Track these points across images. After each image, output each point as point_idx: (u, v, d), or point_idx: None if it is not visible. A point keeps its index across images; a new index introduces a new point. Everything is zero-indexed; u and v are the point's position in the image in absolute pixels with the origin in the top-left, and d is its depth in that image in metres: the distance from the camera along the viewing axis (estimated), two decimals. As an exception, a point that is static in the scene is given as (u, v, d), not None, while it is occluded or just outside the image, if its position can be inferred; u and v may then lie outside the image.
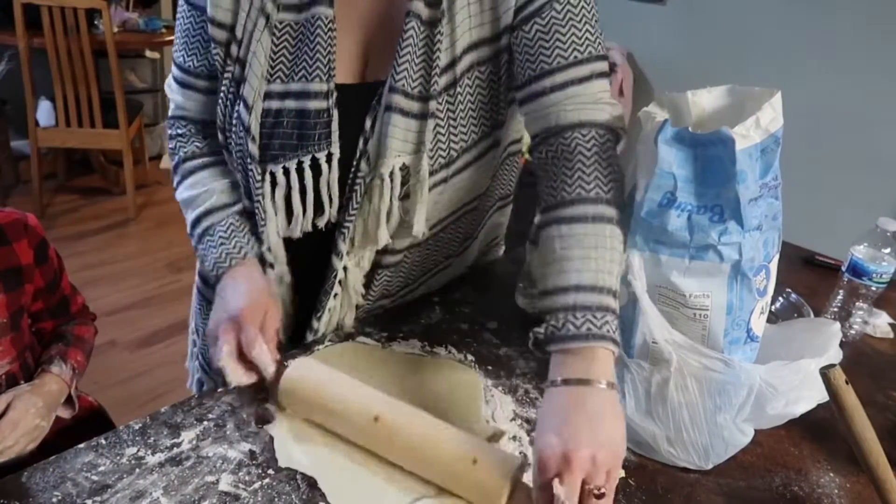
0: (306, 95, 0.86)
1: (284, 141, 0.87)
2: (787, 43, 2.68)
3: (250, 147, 0.87)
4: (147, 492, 0.70)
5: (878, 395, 1.02)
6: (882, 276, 1.12)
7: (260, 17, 0.84)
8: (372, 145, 0.87)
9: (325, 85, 0.85)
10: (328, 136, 0.87)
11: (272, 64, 0.86)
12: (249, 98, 0.85)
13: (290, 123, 0.86)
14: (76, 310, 1.12)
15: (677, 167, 0.74)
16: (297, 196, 0.89)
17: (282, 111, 0.86)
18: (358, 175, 0.88)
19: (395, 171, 0.87)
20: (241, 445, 0.77)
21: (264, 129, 0.87)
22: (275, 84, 0.86)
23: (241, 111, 0.86)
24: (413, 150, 0.86)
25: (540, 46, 0.82)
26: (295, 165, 0.87)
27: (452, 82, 0.86)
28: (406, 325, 1.03)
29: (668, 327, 0.76)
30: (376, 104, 0.86)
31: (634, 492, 0.78)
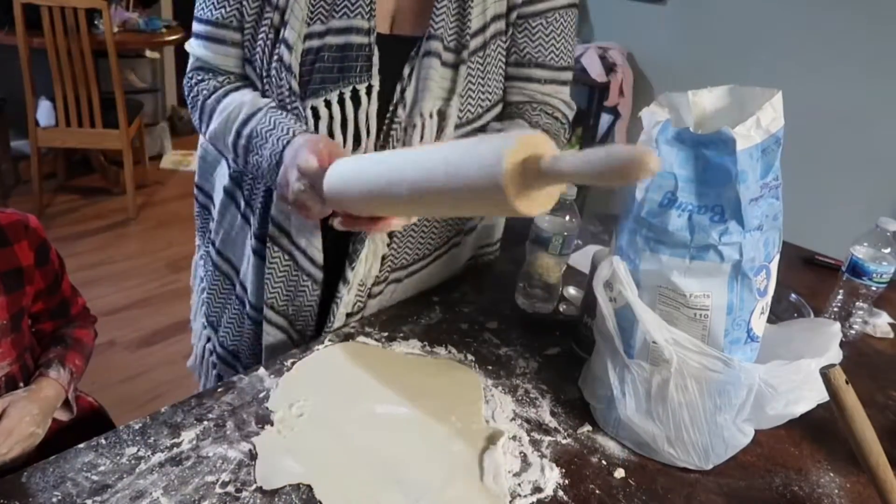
0: (348, 31, 0.91)
1: (325, 75, 0.91)
2: (787, 43, 2.68)
3: (293, 84, 0.91)
4: (147, 492, 0.69)
5: (878, 395, 1.02)
6: (882, 276, 1.12)
7: None
8: (409, 92, 0.94)
9: (367, 23, 0.91)
10: (369, 70, 0.92)
11: (311, 7, 0.90)
12: (291, 40, 0.90)
13: (331, 58, 0.91)
14: (76, 312, 1.11)
15: (678, 167, 0.74)
16: (338, 127, 0.93)
17: (322, 48, 0.91)
18: (395, 120, 0.94)
19: (432, 114, 0.94)
20: (241, 445, 0.77)
21: (304, 66, 0.91)
22: (315, 25, 0.91)
23: (283, 52, 0.90)
24: (446, 97, 0.95)
25: (540, 41, 1.00)
26: (336, 97, 0.92)
27: (482, 45, 0.96)
28: (406, 325, 1.03)
29: (666, 327, 0.77)
30: (414, 54, 0.93)
31: (634, 492, 0.78)
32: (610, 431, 0.86)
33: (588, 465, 0.81)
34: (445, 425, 0.84)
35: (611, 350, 0.82)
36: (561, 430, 0.86)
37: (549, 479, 0.77)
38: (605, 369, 0.83)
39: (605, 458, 0.82)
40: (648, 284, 0.79)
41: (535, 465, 0.79)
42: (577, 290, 1.18)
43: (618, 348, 0.81)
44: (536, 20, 0.99)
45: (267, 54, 0.92)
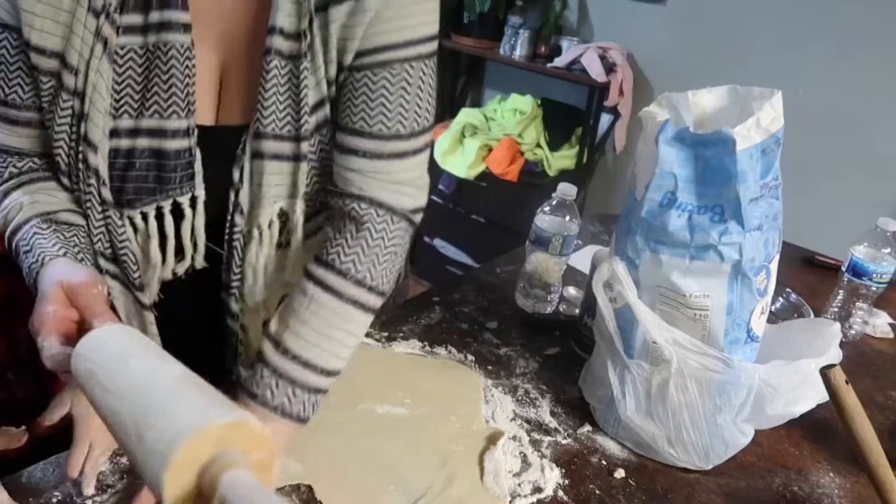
0: (162, 134, 0.75)
1: (139, 184, 0.76)
2: (788, 43, 2.67)
3: (103, 192, 0.75)
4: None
5: (878, 395, 1.03)
6: (882, 276, 1.12)
7: (97, 43, 0.71)
8: (244, 196, 0.78)
9: (184, 122, 0.75)
10: (191, 178, 0.77)
11: (116, 97, 0.74)
12: (95, 137, 0.73)
13: (145, 165, 0.76)
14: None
15: (678, 167, 0.74)
16: (155, 243, 0.79)
17: (133, 151, 0.75)
18: (235, 230, 0.80)
19: (273, 219, 0.79)
20: (242, 445, 0.77)
21: (115, 170, 0.75)
22: (122, 120, 0.74)
23: (87, 153, 0.74)
24: (288, 195, 0.79)
25: (364, 103, 0.76)
26: (154, 212, 0.77)
27: (325, 121, 0.78)
28: (406, 325, 1.03)
29: (666, 327, 0.77)
30: (241, 153, 0.77)
31: (634, 492, 0.78)
32: (610, 431, 0.86)
33: (588, 465, 0.81)
34: (445, 425, 0.84)
35: (611, 350, 0.82)
36: (561, 430, 0.86)
37: (549, 479, 0.77)
38: (605, 369, 0.83)
39: (605, 458, 0.82)
40: (648, 284, 0.79)
41: (535, 465, 0.79)
42: (577, 290, 1.18)
43: (618, 348, 0.81)
44: (361, 76, 0.75)
45: (73, 149, 0.75)
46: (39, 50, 0.71)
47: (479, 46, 3.22)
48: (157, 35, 0.72)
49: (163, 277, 0.82)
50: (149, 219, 0.78)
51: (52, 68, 0.72)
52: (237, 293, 0.83)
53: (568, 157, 3.12)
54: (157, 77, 0.73)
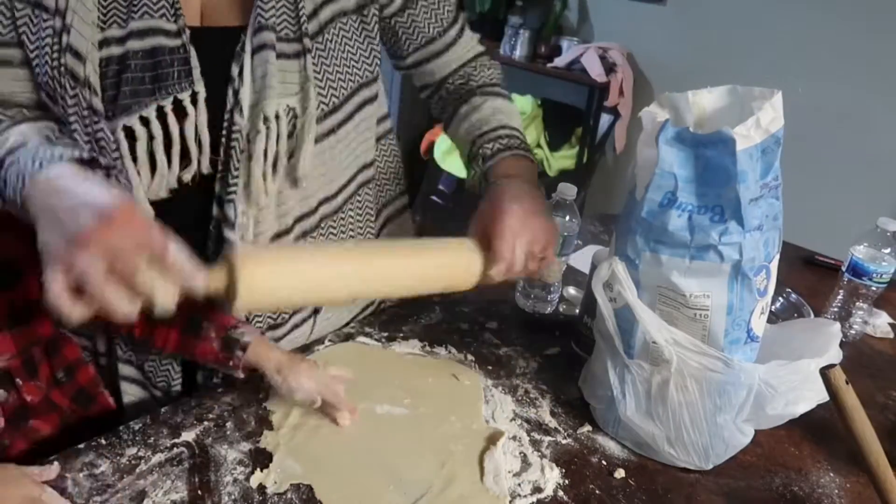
0: (154, 32, 0.76)
1: (136, 87, 0.76)
2: (787, 43, 2.68)
3: (94, 102, 0.75)
4: (147, 492, 0.70)
5: (878, 395, 1.03)
6: (882, 276, 1.12)
7: None
8: (245, 93, 0.79)
9: (173, 24, 0.77)
10: (189, 74, 0.77)
11: (103, 9, 0.74)
12: (81, 47, 0.73)
13: (140, 66, 0.76)
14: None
15: (678, 167, 0.74)
16: (160, 147, 0.78)
17: (126, 55, 0.75)
18: (234, 129, 0.80)
19: (279, 114, 0.80)
20: (242, 445, 0.77)
21: (107, 78, 0.75)
22: (111, 29, 0.75)
23: (72, 63, 0.73)
24: (298, 91, 0.81)
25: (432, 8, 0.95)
26: (155, 112, 0.77)
27: (319, 29, 0.83)
28: (406, 325, 1.03)
29: (666, 327, 0.77)
30: (240, 50, 0.79)
31: (634, 492, 0.78)
32: (610, 431, 0.86)
33: (588, 465, 0.81)
34: (445, 425, 0.84)
35: (611, 350, 0.82)
36: (561, 430, 0.86)
37: (549, 479, 0.77)
38: (605, 369, 0.83)
39: (605, 458, 0.82)
40: (648, 284, 0.79)
41: (535, 465, 0.79)
42: (577, 290, 1.18)
43: (618, 348, 0.81)
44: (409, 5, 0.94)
45: (57, 70, 0.74)
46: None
47: (479, 46, 3.22)
48: None
49: (169, 186, 0.81)
50: (150, 122, 0.77)
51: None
52: (234, 202, 0.81)
53: (568, 158, 3.12)
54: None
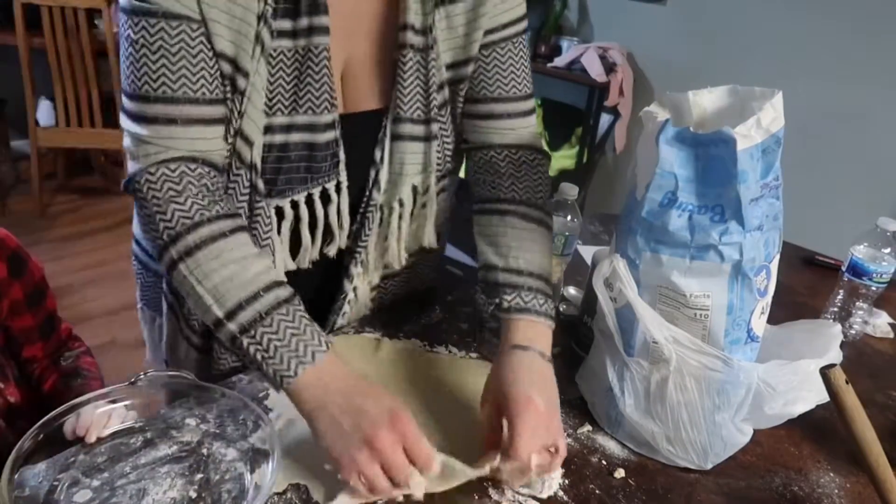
0: (314, 128, 0.83)
1: (292, 175, 0.84)
2: (787, 43, 2.68)
3: (257, 183, 0.82)
4: (147, 491, 0.70)
5: (878, 395, 1.03)
6: (882, 276, 1.12)
7: (256, 45, 0.77)
8: (384, 173, 0.90)
9: (332, 115, 0.83)
10: (336, 166, 0.87)
11: (269, 96, 0.80)
12: (252, 133, 0.80)
13: (299, 157, 0.83)
14: (67, 335, 1.06)
15: (678, 167, 0.74)
16: (305, 228, 0.88)
17: (288, 145, 0.83)
18: (371, 203, 0.91)
19: (410, 193, 0.92)
20: (242, 445, 0.77)
21: (267, 163, 0.82)
22: (276, 117, 0.81)
23: (240, 146, 0.80)
24: (421, 171, 0.91)
25: (497, 73, 0.92)
26: (304, 198, 0.86)
27: (444, 102, 0.91)
28: (406, 325, 1.03)
29: (666, 325, 0.77)
30: (382, 136, 0.89)
31: (634, 492, 0.78)
32: (608, 429, 0.86)
33: (588, 465, 0.81)
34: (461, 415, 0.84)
35: (610, 348, 0.82)
36: (561, 430, 0.86)
37: (549, 479, 0.77)
38: (604, 366, 0.83)
39: (605, 458, 0.83)
40: (648, 284, 0.79)
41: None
42: (577, 290, 1.18)
43: (617, 346, 0.81)
44: (494, 51, 0.91)
45: (228, 148, 0.81)
46: (219, 53, 0.76)
47: (479, 46, 3.22)
48: (308, 38, 0.79)
49: (311, 258, 0.91)
50: (298, 206, 0.86)
51: (228, 72, 0.78)
52: (359, 259, 0.94)
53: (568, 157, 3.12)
54: (309, 77, 0.81)
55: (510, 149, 0.94)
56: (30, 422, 0.71)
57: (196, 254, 0.72)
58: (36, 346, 1.02)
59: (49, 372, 1.02)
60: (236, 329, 0.70)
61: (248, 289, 0.71)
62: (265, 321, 0.70)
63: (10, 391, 0.95)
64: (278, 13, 0.78)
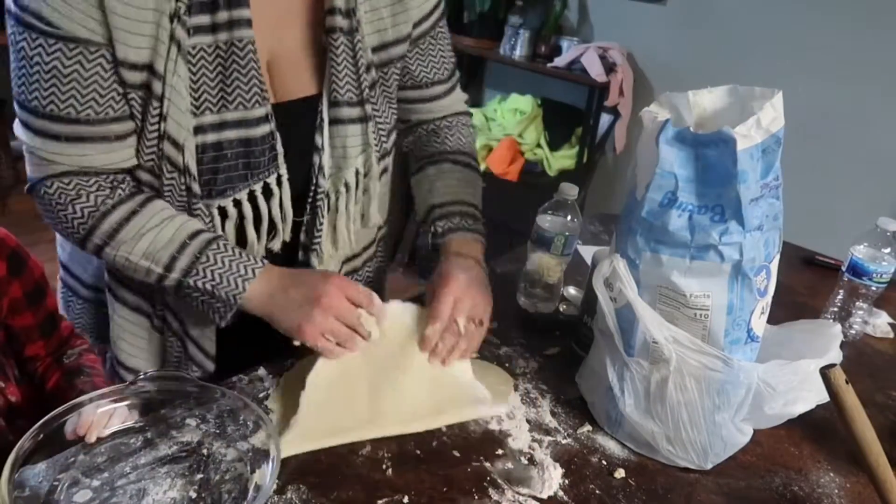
0: (247, 123, 0.82)
1: (231, 174, 0.83)
2: (787, 43, 2.68)
3: (192, 186, 0.81)
4: (147, 491, 0.70)
5: (878, 395, 1.03)
6: (882, 276, 1.12)
7: (172, 46, 0.76)
8: (327, 158, 0.90)
9: (265, 108, 0.82)
10: (275, 160, 0.86)
11: (195, 95, 0.79)
12: (179, 135, 0.79)
13: (235, 154, 0.82)
14: (68, 333, 1.05)
15: (678, 167, 0.74)
16: (250, 225, 0.87)
17: (222, 143, 0.81)
18: (319, 191, 0.91)
19: (357, 172, 0.93)
20: (241, 445, 0.77)
21: (203, 164, 0.81)
22: (205, 116, 0.80)
23: (169, 150, 0.80)
24: (362, 152, 0.92)
25: (430, 59, 1.00)
26: (247, 195, 0.85)
27: (373, 83, 0.92)
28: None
29: (666, 325, 0.77)
30: (320, 121, 0.88)
31: (634, 492, 0.78)
32: (608, 428, 0.86)
33: (588, 465, 0.81)
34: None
35: (610, 347, 0.82)
36: (561, 430, 0.86)
37: (549, 479, 0.77)
38: (604, 365, 0.83)
39: (605, 458, 0.82)
40: (648, 284, 0.79)
41: (535, 465, 0.79)
42: (577, 290, 1.18)
43: (617, 345, 0.81)
44: (424, 41, 0.98)
45: (156, 154, 0.81)
46: (132, 65, 0.76)
47: (479, 46, 3.22)
48: (229, 32, 0.78)
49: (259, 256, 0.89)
50: (241, 203, 0.86)
51: (142, 80, 0.77)
52: (318, 250, 0.94)
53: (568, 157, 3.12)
54: (235, 72, 0.79)
55: (440, 119, 1.07)
56: (30, 421, 0.71)
57: (116, 236, 0.80)
58: (37, 344, 1.02)
59: (51, 370, 1.02)
60: (179, 275, 0.80)
61: (174, 243, 0.80)
62: (201, 259, 0.80)
63: (11, 390, 0.95)
64: (192, 9, 0.76)
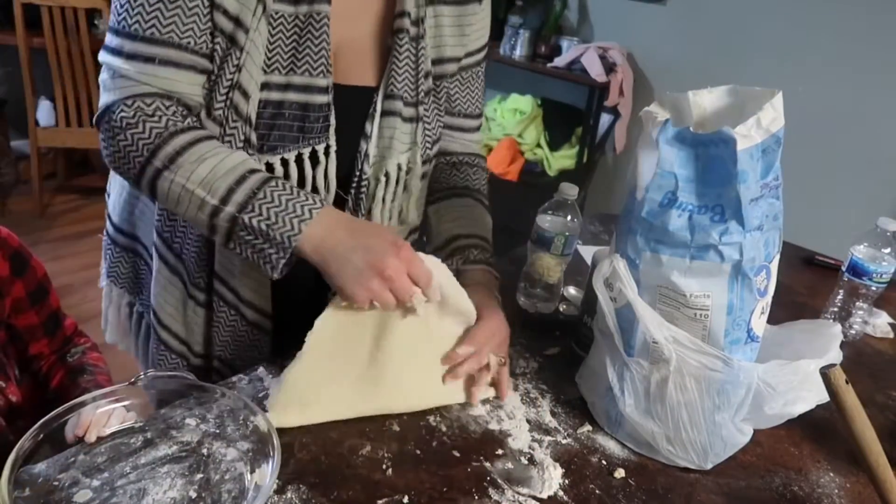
0: (310, 90, 0.87)
1: (285, 133, 0.87)
2: (787, 43, 2.68)
3: (251, 137, 0.86)
4: (147, 491, 0.70)
5: (878, 395, 1.03)
6: (882, 276, 1.12)
7: (258, 5, 0.82)
8: (373, 147, 0.94)
9: (327, 80, 0.87)
10: (327, 130, 0.90)
11: (269, 55, 0.85)
12: (249, 87, 0.84)
13: (293, 116, 0.87)
14: (71, 332, 1.06)
15: (678, 167, 0.74)
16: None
17: (283, 103, 0.86)
18: (363, 177, 0.95)
19: (400, 166, 0.96)
20: (241, 445, 0.77)
21: (262, 118, 0.86)
22: (273, 75, 0.85)
23: (238, 99, 0.84)
24: (408, 149, 0.96)
25: (468, 93, 1.06)
26: (294, 157, 0.89)
27: (429, 90, 0.97)
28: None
29: (666, 325, 0.77)
30: (373, 110, 0.93)
31: (634, 492, 0.78)
32: (608, 429, 0.86)
33: (588, 465, 0.81)
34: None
35: (610, 347, 0.82)
36: (561, 430, 0.86)
37: (549, 479, 0.77)
38: (604, 365, 0.83)
39: (605, 458, 0.83)
40: (648, 284, 0.79)
41: (535, 465, 0.79)
42: (577, 290, 1.18)
43: (617, 345, 0.81)
44: (468, 72, 1.04)
45: (225, 101, 0.84)
46: (224, 11, 0.81)
47: (479, 46, 3.21)
48: (310, 6, 0.84)
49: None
50: (289, 164, 0.89)
51: (230, 30, 0.82)
52: None
53: (568, 157, 3.12)
54: (308, 41, 0.85)
55: (463, 155, 1.11)
56: (30, 421, 0.72)
57: (178, 159, 0.79)
58: (41, 342, 1.02)
59: (56, 368, 1.03)
60: (234, 209, 0.77)
61: (234, 174, 0.78)
62: (258, 195, 0.77)
63: (11, 390, 0.95)
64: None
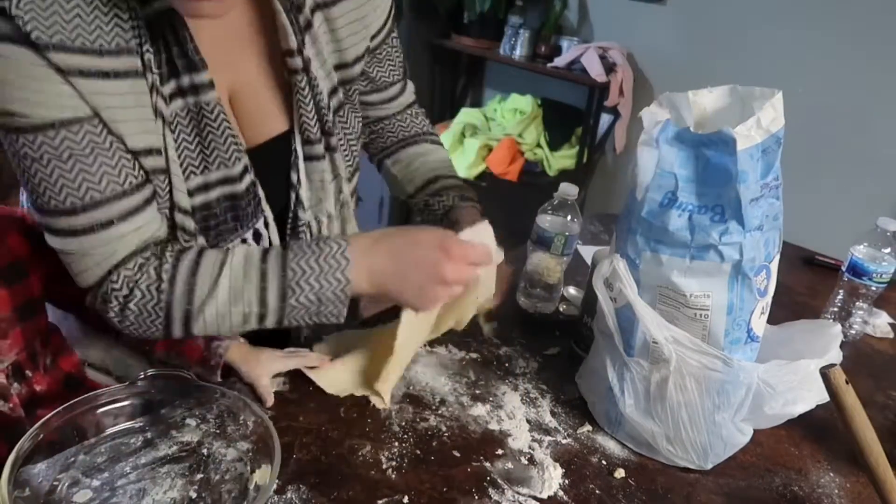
0: (231, 180, 0.82)
1: (221, 228, 0.84)
2: (787, 43, 2.68)
3: (201, 241, 0.83)
4: (147, 491, 0.70)
5: (878, 395, 1.03)
6: (882, 276, 1.12)
7: (157, 119, 0.75)
8: (304, 192, 0.90)
9: (244, 162, 0.82)
10: (259, 205, 0.87)
11: (180, 161, 0.78)
12: (183, 202, 0.79)
13: (223, 210, 0.83)
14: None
15: (678, 167, 0.74)
16: None
17: (210, 203, 0.82)
18: (299, 225, 0.91)
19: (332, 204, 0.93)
20: (241, 445, 0.77)
21: (198, 222, 0.82)
22: (191, 179, 0.80)
23: (181, 219, 0.80)
24: (333, 179, 0.92)
25: (388, 62, 1.01)
26: (238, 243, 0.86)
27: (340, 105, 0.92)
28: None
29: (666, 325, 0.77)
30: (294, 158, 0.88)
31: (634, 492, 0.78)
32: (608, 428, 0.86)
33: (588, 465, 0.81)
34: None
35: (610, 348, 0.82)
36: (561, 430, 0.86)
37: (549, 479, 0.77)
38: (604, 365, 0.83)
39: (605, 458, 0.83)
40: (648, 284, 0.79)
41: (535, 465, 0.79)
42: (577, 290, 1.18)
43: (617, 345, 0.81)
44: (382, 50, 0.97)
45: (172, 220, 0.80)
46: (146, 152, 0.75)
47: (479, 46, 3.22)
48: (196, 97, 0.77)
49: None
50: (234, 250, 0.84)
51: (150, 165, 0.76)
52: None
53: (568, 157, 3.12)
54: (210, 133, 0.79)
55: (403, 110, 1.10)
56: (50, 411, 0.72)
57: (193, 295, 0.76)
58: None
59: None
60: (277, 302, 0.77)
61: (254, 272, 0.77)
62: (289, 275, 0.76)
63: (38, 379, 0.95)
64: (163, 77, 0.75)
